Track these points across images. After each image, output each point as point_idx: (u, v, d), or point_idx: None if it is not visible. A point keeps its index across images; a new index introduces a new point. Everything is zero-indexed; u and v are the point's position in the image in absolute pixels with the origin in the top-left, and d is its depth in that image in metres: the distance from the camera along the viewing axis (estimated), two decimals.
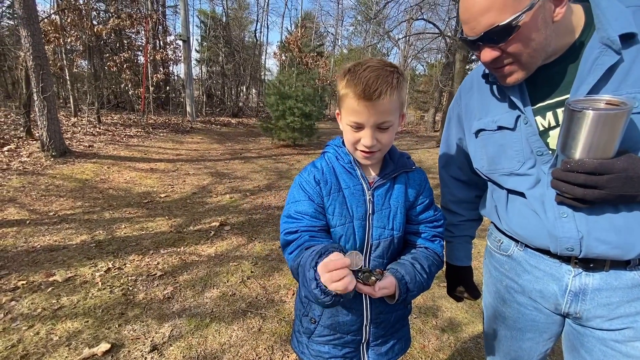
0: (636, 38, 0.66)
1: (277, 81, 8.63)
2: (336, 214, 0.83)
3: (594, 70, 0.68)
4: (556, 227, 0.76)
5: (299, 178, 0.88)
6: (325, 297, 0.64)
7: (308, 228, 0.81)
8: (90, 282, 2.32)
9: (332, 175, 0.86)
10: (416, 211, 0.90)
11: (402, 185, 0.88)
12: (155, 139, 7.83)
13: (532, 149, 0.79)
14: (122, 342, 1.82)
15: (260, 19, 19.35)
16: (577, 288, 0.78)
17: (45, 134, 5.08)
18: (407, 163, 0.91)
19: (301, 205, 0.84)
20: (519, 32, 0.65)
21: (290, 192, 0.89)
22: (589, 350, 0.81)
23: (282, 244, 0.85)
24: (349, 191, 0.84)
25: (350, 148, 0.83)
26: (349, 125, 0.78)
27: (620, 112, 0.59)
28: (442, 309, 2.32)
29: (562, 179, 0.69)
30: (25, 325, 1.87)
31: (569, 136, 0.66)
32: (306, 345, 0.95)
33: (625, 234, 0.70)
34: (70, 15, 7.49)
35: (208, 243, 3.08)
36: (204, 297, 2.27)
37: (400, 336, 0.98)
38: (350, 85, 0.74)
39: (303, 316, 0.95)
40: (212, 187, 4.88)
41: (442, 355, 1.90)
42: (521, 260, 0.89)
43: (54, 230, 3.05)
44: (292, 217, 0.84)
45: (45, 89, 4.95)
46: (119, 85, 11.40)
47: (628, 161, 0.63)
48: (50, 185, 4.18)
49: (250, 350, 1.83)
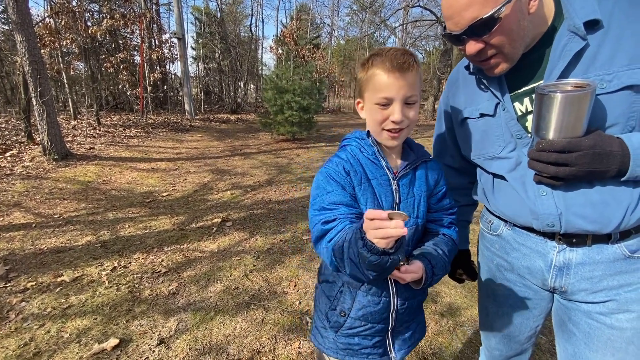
0: (600, 24, 0.69)
1: (274, 75, 8.58)
2: (369, 204, 0.83)
3: (563, 56, 0.72)
4: (537, 204, 0.80)
5: (325, 170, 0.86)
6: (372, 256, 0.60)
7: (347, 216, 0.79)
8: (97, 281, 2.39)
9: (358, 166, 0.86)
10: (435, 199, 0.94)
11: (423, 174, 0.91)
12: (155, 139, 7.87)
13: (511, 133, 0.84)
14: (130, 337, 1.88)
15: (255, 12, 19.19)
16: (561, 263, 0.82)
17: (46, 138, 5.13)
18: (426, 153, 0.95)
19: (334, 195, 0.81)
20: (501, 24, 0.69)
21: (316, 186, 0.86)
22: (576, 324, 0.85)
23: (316, 236, 0.81)
24: (377, 181, 0.85)
25: (377, 129, 0.84)
26: (377, 104, 0.80)
27: (584, 93, 0.63)
28: (441, 295, 2.36)
29: (536, 159, 0.73)
30: (36, 324, 1.93)
31: (540, 118, 0.70)
32: (333, 339, 0.95)
33: (602, 209, 0.74)
34: (64, 18, 7.47)
35: (210, 239, 3.13)
36: (208, 292, 2.33)
37: (419, 321, 1.02)
38: (377, 64, 0.78)
39: (330, 310, 0.94)
40: (213, 184, 4.92)
41: (441, 339, 1.95)
42: (510, 239, 0.93)
43: (59, 232, 3.12)
44: (326, 208, 0.81)
45: (43, 93, 4.98)
46: (117, 86, 11.41)
47: (596, 139, 0.67)
48: (53, 188, 4.24)
49: (254, 341, 1.89)
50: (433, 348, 1.88)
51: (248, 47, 17.73)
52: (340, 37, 27.82)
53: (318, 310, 1.00)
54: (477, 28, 0.70)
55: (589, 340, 0.82)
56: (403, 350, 0.96)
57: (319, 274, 1.04)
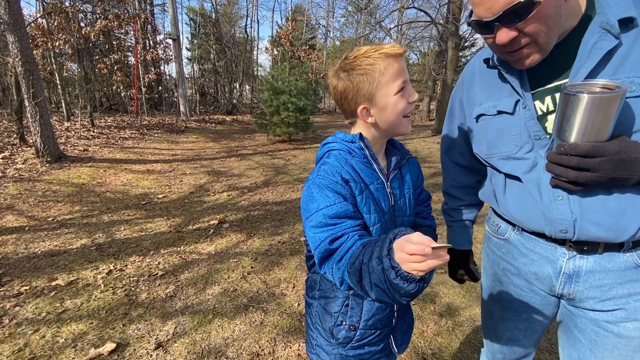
0: (635, 22, 0.66)
1: (269, 76, 8.57)
2: (372, 212, 0.79)
3: (592, 54, 0.68)
4: (551, 209, 0.77)
5: (319, 180, 0.77)
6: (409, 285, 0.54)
7: (354, 229, 0.72)
8: (92, 285, 2.35)
9: (354, 172, 0.80)
10: (416, 194, 0.96)
11: (407, 172, 0.92)
12: (150, 140, 7.81)
13: (530, 133, 0.80)
14: (127, 341, 1.85)
15: (250, 13, 19.18)
16: (571, 270, 0.80)
17: (39, 140, 5.06)
18: (406, 150, 0.95)
19: (336, 208, 0.73)
20: (539, 9, 0.63)
21: (310, 199, 0.77)
22: (582, 331, 0.83)
23: (322, 255, 0.72)
24: (374, 186, 0.82)
25: (398, 120, 0.81)
26: (398, 94, 0.78)
27: (613, 96, 0.60)
28: (440, 295, 2.37)
29: (556, 162, 0.70)
30: (30, 329, 1.90)
31: (564, 120, 0.66)
32: (342, 355, 0.92)
33: (618, 217, 0.71)
34: (57, 19, 7.39)
35: (207, 241, 3.11)
36: (205, 294, 2.31)
37: (410, 312, 1.05)
38: (382, 57, 0.76)
39: (336, 327, 0.89)
40: (210, 185, 4.89)
41: (440, 339, 1.95)
42: (517, 244, 0.91)
43: (53, 236, 3.07)
44: (328, 224, 0.72)
45: (36, 94, 4.92)
46: (111, 88, 11.31)
47: (621, 144, 0.64)
48: (47, 191, 4.19)
49: (253, 343, 1.88)
50: (433, 348, 1.88)
51: (243, 48, 17.69)
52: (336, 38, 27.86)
53: (318, 328, 0.95)
54: (513, 14, 0.63)
55: (594, 347, 0.81)
56: (404, 344, 0.99)
57: (310, 289, 0.98)
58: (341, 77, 0.80)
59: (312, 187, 0.77)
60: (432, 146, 7.88)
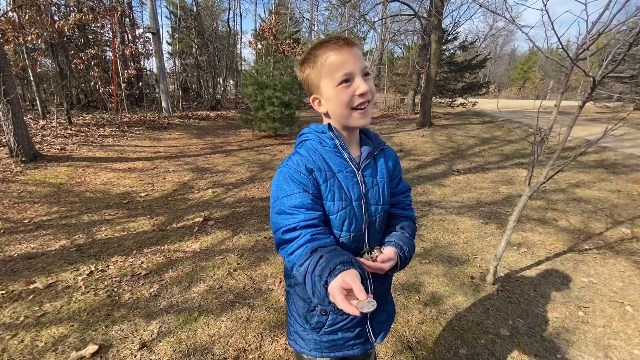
0: None
1: (253, 71, 8.42)
2: (337, 199, 0.82)
3: None
4: None
5: (285, 170, 0.82)
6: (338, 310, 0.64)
7: (307, 223, 0.77)
8: (72, 287, 2.29)
9: (322, 161, 0.83)
10: (393, 184, 0.97)
11: (382, 161, 0.93)
12: (131, 138, 7.61)
13: None
14: (110, 342, 1.82)
15: (233, 6, 18.77)
16: None
17: (12, 139, 4.87)
18: (382, 141, 0.97)
19: (296, 198, 0.78)
20: None
21: (276, 186, 0.82)
22: None
23: (277, 242, 0.80)
24: (343, 174, 0.84)
25: (346, 112, 0.81)
26: (340, 85, 0.78)
27: None
28: (424, 284, 2.41)
29: None
30: (8, 334, 1.84)
31: None
32: (316, 340, 0.94)
33: None
34: (28, 12, 7.05)
35: (192, 239, 3.07)
36: (191, 292, 2.28)
37: (390, 301, 1.06)
38: (325, 50, 0.79)
39: (309, 312, 0.93)
40: (194, 183, 4.82)
41: (425, 327, 2.00)
42: None
43: (30, 238, 2.97)
44: (286, 212, 0.78)
45: (7, 91, 4.71)
46: (89, 84, 10.90)
47: None
48: (22, 191, 4.03)
49: (240, 339, 1.87)
50: (417, 337, 1.92)
51: (226, 42, 17.34)
52: (320, 32, 27.63)
53: (294, 314, 0.99)
54: None
55: None
56: (382, 332, 1.00)
57: (287, 277, 1.01)
58: (299, 69, 0.86)
59: (279, 174, 0.83)
60: (416, 139, 7.94)
